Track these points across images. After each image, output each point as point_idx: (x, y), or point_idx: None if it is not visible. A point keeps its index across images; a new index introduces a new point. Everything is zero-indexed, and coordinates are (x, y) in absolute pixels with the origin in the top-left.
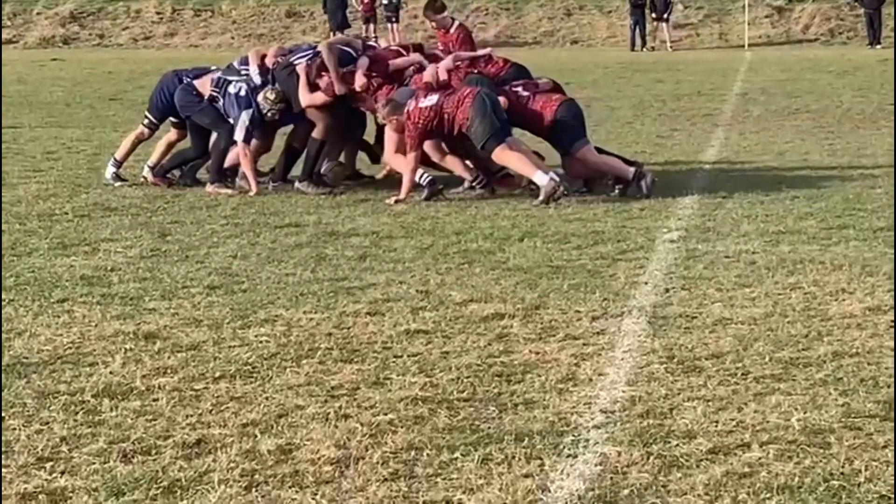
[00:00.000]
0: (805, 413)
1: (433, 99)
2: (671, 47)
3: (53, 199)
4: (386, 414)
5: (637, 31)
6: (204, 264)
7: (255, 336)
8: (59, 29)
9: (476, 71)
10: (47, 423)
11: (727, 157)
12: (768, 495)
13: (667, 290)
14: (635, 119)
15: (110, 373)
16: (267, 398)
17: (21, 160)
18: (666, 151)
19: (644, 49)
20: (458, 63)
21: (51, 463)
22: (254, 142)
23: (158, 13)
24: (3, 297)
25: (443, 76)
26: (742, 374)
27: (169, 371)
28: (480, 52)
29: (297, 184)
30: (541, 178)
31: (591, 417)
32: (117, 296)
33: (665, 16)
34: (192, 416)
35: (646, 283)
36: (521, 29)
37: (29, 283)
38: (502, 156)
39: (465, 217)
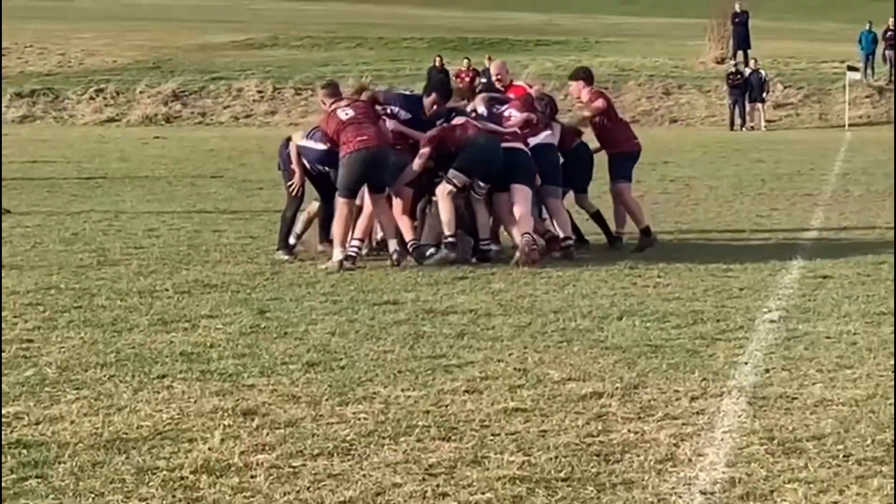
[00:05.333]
0: None
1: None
2: (766, 127)
3: (154, 276)
4: (484, 493)
5: (736, 110)
6: (303, 341)
7: (353, 413)
8: (162, 107)
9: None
10: (146, 499)
11: (827, 237)
12: None
13: (767, 371)
14: (734, 198)
15: (209, 449)
16: (364, 476)
17: (122, 237)
18: (765, 231)
19: (743, 128)
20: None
21: None
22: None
23: (259, 91)
24: (104, 373)
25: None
26: (843, 457)
27: (267, 448)
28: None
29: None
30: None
31: (690, 499)
32: (216, 372)
33: (763, 95)
34: (289, 493)
35: (745, 363)
36: (619, 107)
37: (129, 358)
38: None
39: (564, 295)
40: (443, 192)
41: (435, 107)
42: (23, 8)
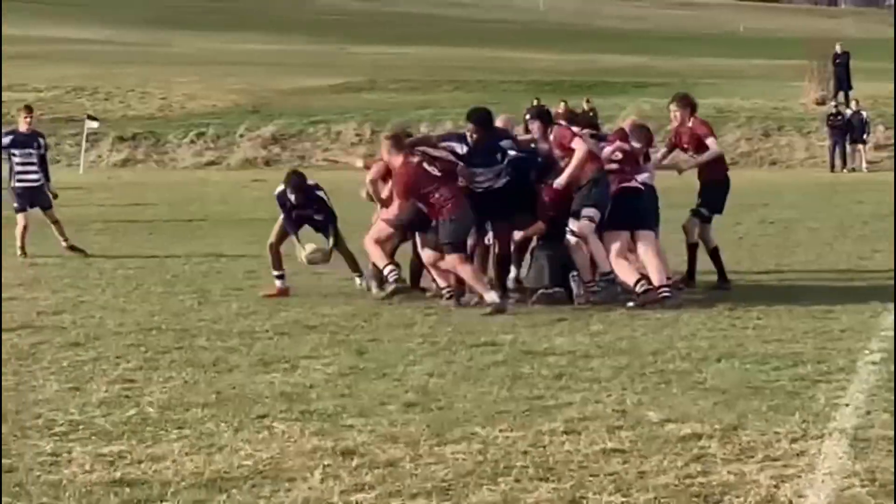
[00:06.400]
0: None
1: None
2: (867, 168)
3: (254, 317)
4: None
5: (836, 151)
6: (401, 382)
7: (452, 453)
8: (262, 151)
9: None
10: None
11: None
12: None
13: (868, 413)
14: (835, 240)
15: (309, 489)
16: None
17: (222, 279)
18: (867, 272)
19: (844, 170)
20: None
21: None
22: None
23: (358, 134)
24: (206, 412)
25: None
26: None
27: (366, 487)
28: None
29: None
30: (490, 297)
31: None
32: (316, 412)
33: (864, 137)
34: None
35: (847, 405)
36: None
37: (230, 398)
38: (455, 264)
39: (663, 337)
40: (585, 229)
41: (475, 135)
42: (122, 53)
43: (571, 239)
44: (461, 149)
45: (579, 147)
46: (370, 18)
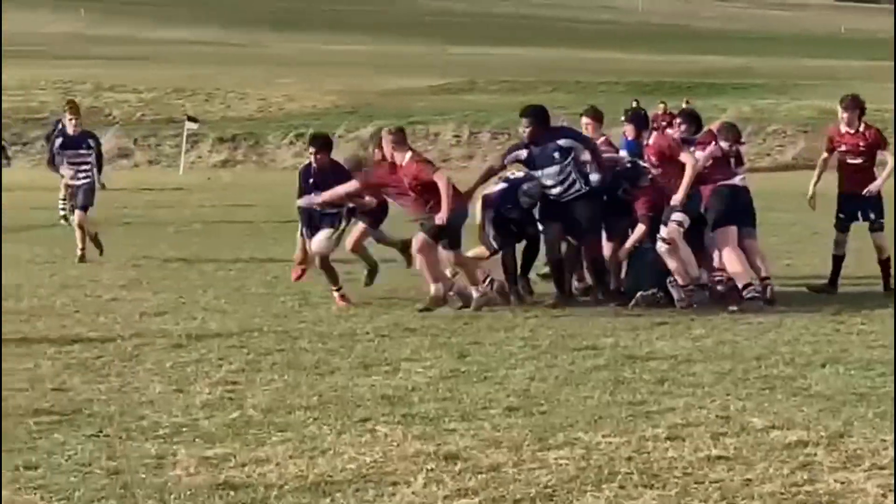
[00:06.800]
0: None
1: None
2: None
3: (354, 319)
4: None
5: None
6: (503, 386)
7: (555, 459)
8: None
9: None
10: None
11: None
12: None
13: None
14: None
15: (412, 493)
16: None
17: (322, 280)
18: None
19: None
20: None
21: None
22: None
23: (456, 136)
24: (308, 415)
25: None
26: None
27: (470, 492)
28: None
29: None
30: (435, 290)
31: None
32: (418, 416)
33: None
34: None
35: None
36: (818, 152)
37: (332, 401)
38: (419, 248)
39: (766, 342)
40: (673, 234)
41: (528, 130)
42: (222, 54)
43: (662, 246)
44: (524, 154)
45: (690, 162)
46: (473, 19)
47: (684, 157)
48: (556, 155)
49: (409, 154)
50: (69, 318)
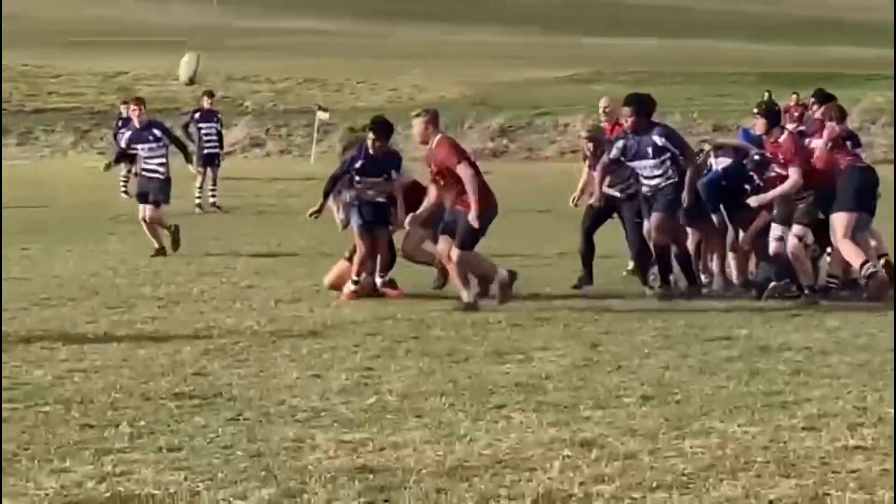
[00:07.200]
0: None
1: None
2: None
3: (486, 309)
4: None
5: None
6: (636, 375)
7: (691, 447)
8: (489, 142)
9: None
10: None
11: None
12: None
13: None
14: None
15: (549, 479)
16: None
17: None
18: None
19: None
20: None
21: None
22: None
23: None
24: (443, 401)
25: None
26: None
27: (607, 479)
28: None
29: None
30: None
31: None
32: (552, 403)
33: None
34: None
35: None
36: None
37: (466, 388)
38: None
39: None
40: (796, 251)
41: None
42: (352, 45)
43: (773, 244)
44: (621, 144)
45: (793, 175)
46: (604, 10)
47: (792, 171)
48: (650, 150)
49: (438, 136)
50: (206, 304)
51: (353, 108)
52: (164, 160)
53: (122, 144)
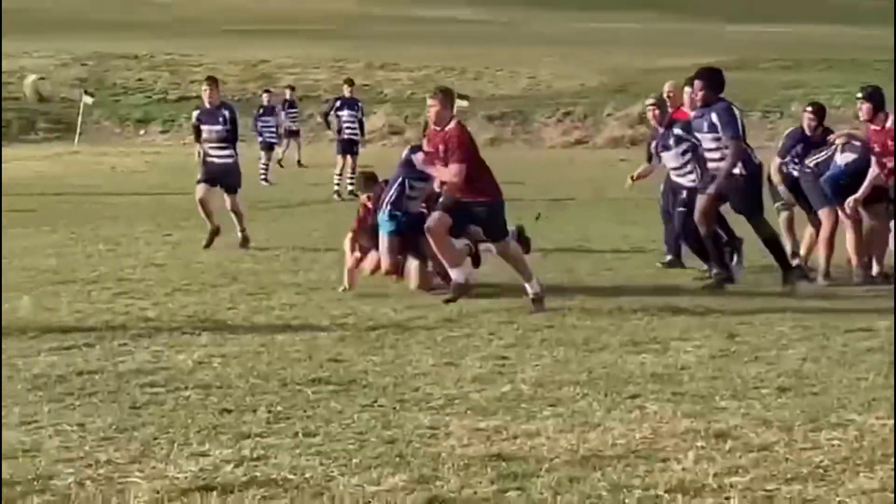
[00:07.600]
0: None
1: None
2: None
3: (624, 298)
4: None
5: None
6: (774, 366)
7: (827, 439)
8: (628, 130)
9: None
10: None
11: None
12: None
13: None
14: None
15: (683, 469)
16: (840, 503)
17: (591, 258)
18: None
19: None
20: None
21: None
22: None
23: None
24: (577, 391)
25: None
26: None
27: (740, 471)
28: None
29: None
30: (456, 275)
31: None
32: (688, 394)
33: None
34: None
35: None
36: None
37: (601, 378)
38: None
39: None
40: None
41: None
42: (490, 32)
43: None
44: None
45: (872, 173)
46: None
47: (871, 173)
48: (705, 125)
49: (454, 122)
50: (343, 291)
51: (492, 96)
52: (231, 144)
53: (193, 122)
